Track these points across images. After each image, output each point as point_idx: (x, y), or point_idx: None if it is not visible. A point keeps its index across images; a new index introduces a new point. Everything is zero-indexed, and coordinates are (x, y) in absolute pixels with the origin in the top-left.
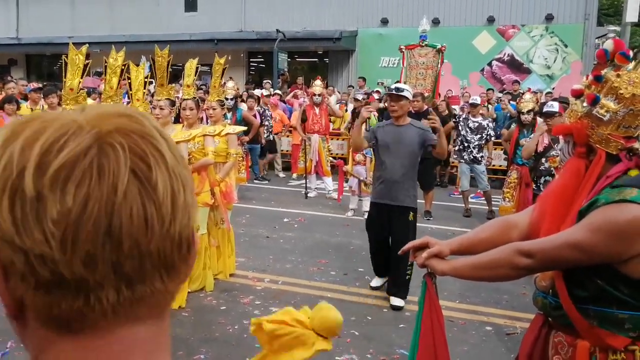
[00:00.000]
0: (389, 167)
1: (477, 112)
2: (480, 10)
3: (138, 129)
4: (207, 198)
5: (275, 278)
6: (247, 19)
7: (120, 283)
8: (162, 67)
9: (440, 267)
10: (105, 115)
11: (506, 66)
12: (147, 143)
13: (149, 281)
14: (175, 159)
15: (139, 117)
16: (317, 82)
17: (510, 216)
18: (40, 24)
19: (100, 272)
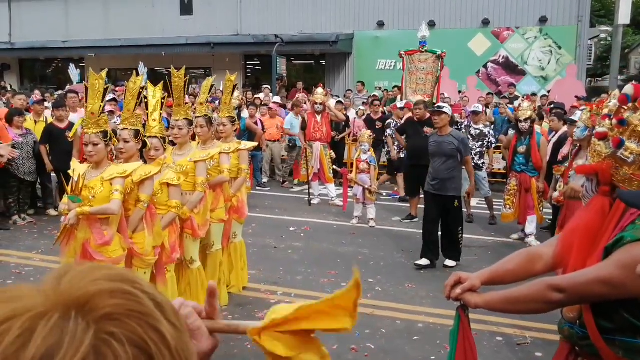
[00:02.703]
0: (436, 168)
1: (479, 119)
2: (475, 13)
3: (133, 308)
4: (222, 214)
5: (288, 291)
6: (244, 22)
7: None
8: (179, 87)
9: (474, 301)
10: (95, 294)
11: (501, 68)
12: (144, 326)
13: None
14: (176, 330)
15: (132, 290)
16: (319, 91)
17: (535, 248)
18: (34, 29)
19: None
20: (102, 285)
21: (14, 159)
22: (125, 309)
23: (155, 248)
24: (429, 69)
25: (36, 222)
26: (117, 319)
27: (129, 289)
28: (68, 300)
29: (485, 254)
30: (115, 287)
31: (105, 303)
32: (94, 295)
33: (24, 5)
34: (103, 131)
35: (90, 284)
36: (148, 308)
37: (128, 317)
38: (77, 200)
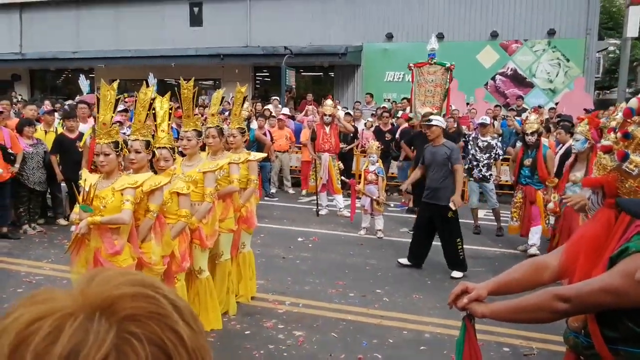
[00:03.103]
0: (430, 178)
1: (487, 131)
2: (484, 25)
3: (153, 310)
4: (231, 224)
5: (296, 301)
6: (253, 34)
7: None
8: (188, 99)
9: (480, 310)
10: (118, 297)
11: (509, 80)
12: (163, 327)
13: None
14: (193, 331)
15: (153, 294)
16: (328, 102)
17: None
18: (44, 39)
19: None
20: (124, 289)
21: (24, 169)
22: (145, 311)
23: (164, 257)
24: (438, 81)
25: (46, 232)
26: (138, 320)
27: (149, 292)
28: (93, 303)
29: (492, 265)
30: (137, 291)
31: (127, 305)
32: (117, 298)
33: (35, 16)
34: (114, 141)
35: (114, 288)
36: (167, 310)
37: (148, 319)
38: (88, 209)
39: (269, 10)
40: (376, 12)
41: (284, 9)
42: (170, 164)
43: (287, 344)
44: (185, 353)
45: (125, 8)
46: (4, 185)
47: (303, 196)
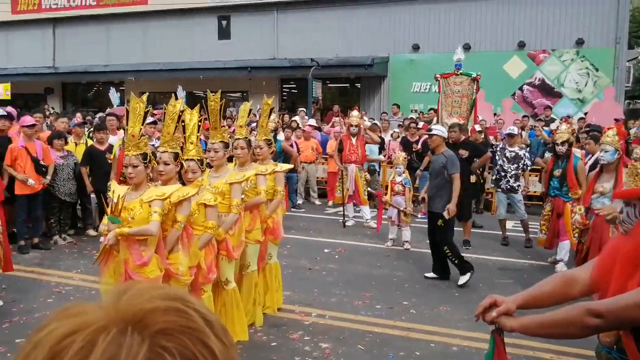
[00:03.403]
0: (429, 185)
1: (515, 142)
2: (511, 36)
3: (185, 324)
4: (258, 235)
5: (322, 312)
6: (280, 46)
7: None
8: (215, 111)
9: (510, 324)
10: (150, 312)
11: (537, 90)
12: (195, 341)
13: None
14: (224, 345)
15: (184, 308)
16: (355, 113)
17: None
18: (76, 53)
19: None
20: (156, 303)
21: (55, 180)
22: (177, 325)
23: (191, 268)
24: (465, 91)
25: (76, 242)
26: (170, 334)
27: (181, 307)
28: (125, 317)
29: (521, 277)
30: (169, 305)
31: (159, 319)
32: (149, 312)
33: (67, 31)
34: (143, 153)
35: (146, 302)
36: (198, 324)
37: (180, 333)
38: (116, 221)
39: (295, 22)
40: (402, 23)
41: (311, 21)
42: (198, 175)
43: (313, 356)
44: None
45: (154, 22)
46: (36, 196)
47: (329, 207)
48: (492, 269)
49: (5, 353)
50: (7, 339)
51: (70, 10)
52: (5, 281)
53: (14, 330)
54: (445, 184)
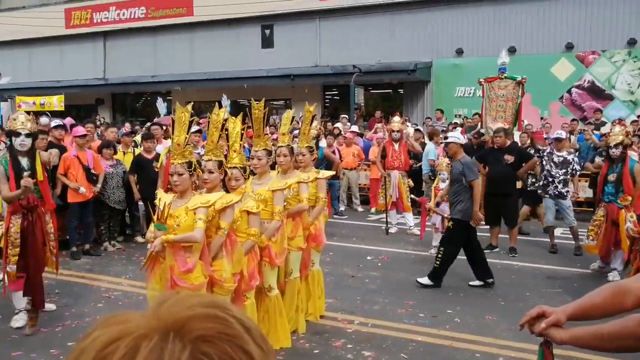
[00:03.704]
0: (450, 191)
1: (563, 146)
2: (558, 37)
3: (224, 331)
4: (300, 242)
5: (365, 320)
6: (322, 53)
7: None
8: (258, 119)
9: (560, 336)
10: (190, 319)
11: (586, 93)
12: (234, 348)
13: None
14: (263, 352)
15: (224, 315)
16: (396, 119)
17: (624, 281)
18: (125, 65)
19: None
20: (197, 311)
21: (105, 188)
22: (217, 332)
23: (234, 275)
24: (509, 95)
25: (125, 249)
26: (210, 340)
27: (220, 314)
28: (167, 324)
29: (571, 286)
30: (209, 312)
31: (199, 326)
32: (189, 319)
33: (117, 43)
34: (188, 162)
35: (187, 310)
36: (238, 331)
37: (220, 339)
38: (162, 228)
39: (338, 29)
40: (445, 27)
41: (353, 28)
42: (242, 183)
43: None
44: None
45: (199, 33)
46: (87, 204)
47: (372, 214)
48: (540, 278)
49: (58, 356)
50: (60, 342)
51: (120, 24)
52: (58, 286)
53: (67, 333)
54: (463, 190)
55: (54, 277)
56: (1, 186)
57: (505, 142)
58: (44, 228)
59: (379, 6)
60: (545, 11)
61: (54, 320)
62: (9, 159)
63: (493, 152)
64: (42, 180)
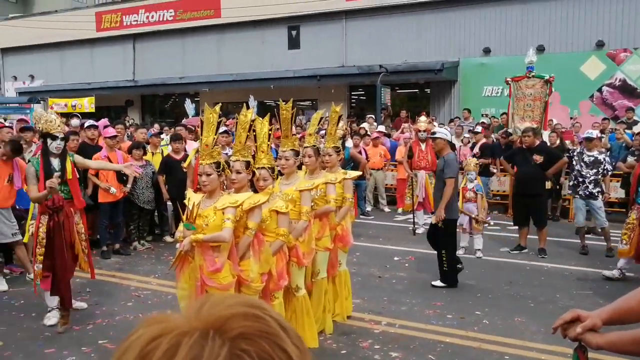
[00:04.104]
0: (435, 188)
1: (593, 146)
2: (588, 35)
3: (263, 330)
4: (327, 243)
5: (392, 321)
6: (349, 54)
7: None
8: (286, 119)
9: (596, 341)
10: (231, 317)
11: (618, 92)
12: (273, 346)
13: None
14: (300, 351)
15: (262, 315)
16: (422, 118)
17: None
18: (154, 67)
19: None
20: (236, 310)
21: (134, 189)
22: (256, 330)
23: (262, 275)
24: (537, 94)
25: (154, 248)
26: (249, 338)
27: (259, 313)
28: (207, 322)
29: (602, 288)
30: (248, 311)
31: (238, 325)
32: (229, 318)
33: (146, 46)
34: (216, 162)
35: (226, 309)
36: (276, 330)
37: (258, 337)
38: (191, 227)
39: (364, 29)
40: (472, 26)
41: (379, 28)
42: (270, 183)
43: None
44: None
45: (227, 34)
46: (117, 204)
47: (399, 214)
48: (570, 279)
49: (90, 354)
50: (91, 340)
51: (149, 26)
52: (90, 284)
53: (98, 331)
54: (443, 187)
55: (85, 276)
56: (31, 187)
57: (534, 142)
58: (73, 228)
59: (406, 6)
60: (575, 8)
61: (86, 318)
62: (40, 160)
63: (522, 152)
64: (71, 178)
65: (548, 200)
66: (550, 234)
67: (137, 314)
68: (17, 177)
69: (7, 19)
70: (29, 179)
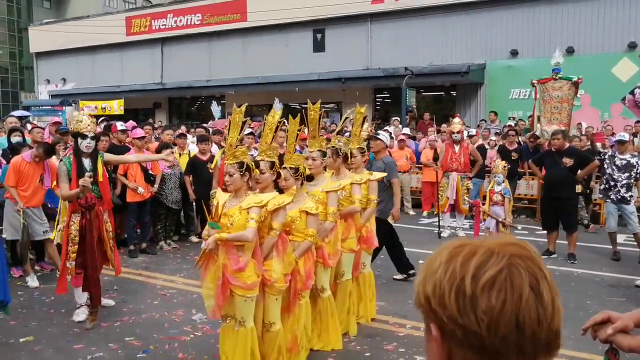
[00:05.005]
0: None
1: (626, 149)
2: (619, 36)
3: (527, 255)
4: (353, 244)
5: (417, 324)
6: (374, 56)
7: (520, 356)
8: (314, 120)
9: (627, 343)
10: (505, 244)
11: None
12: (534, 265)
13: (534, 359)
14: (549, 275)
15: (526, 245)
16: (456, 120)
17: None
18: (182, 70)
19: (509, 348)
20: (511, 241)
21: (163, 189)
22: (524, 254)
23: (285, 275)
24: (564, 96)
25: (179, 248)
26: (521, 258)
27: (525, 246)
28: (490, 247)
29: (635, 295)
30: (517, 242)
31: (513, 250)
32: (505, 245)
33: (173, 49)
34: (240, 162)
35: (500, 240)
36: (537, 258)
37: (527, 259)
38: (216, 226)
39: (389, 32)
40: (499, 28)
41: (405, 30)
42: (291, 183)
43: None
44: (547, 285)
45: (253, 37)
46: (145, 204)
47: (424, 217)
48: (602, 286)
49: (117, 350)
50: (118, 336)
51: (177, 30)
52: (117, 282)
53: (124, 328)
54: (382, 189)
55: (113, 274)
56: (62, 185)
57: (564, 145)
58: (102, 226)
59: (431, 8)
60: (606, 9)
61: (113, 316)
62: (72, 160)
63: (551, 155)
64: (102, 181)
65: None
66: (581, 239)
67: (163, 312)
68: (47, 177)
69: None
70: (61, 177)
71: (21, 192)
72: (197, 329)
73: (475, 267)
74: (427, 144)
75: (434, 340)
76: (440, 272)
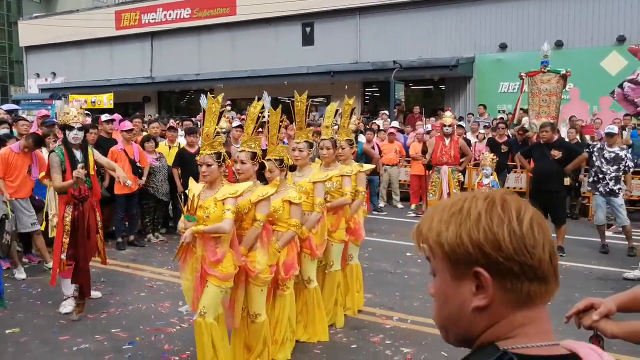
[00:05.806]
0: None
1: (614, 141)
2: (608, 30)
3: (516, 201)
4: (342, 235)
5: (404, 317)
6: (363, 50)
7: (554, 280)
8: (301, 112)
9: (611, 329)
10: (506, 193)
11: None
12: (522, 205)
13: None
14: None
15: (518, 198)
16: (448, 113)
17: None
18: (171, 64)
19: (550, 273)
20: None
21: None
22: (515, 200)
23: (271, 266)
24: (553, 89)
25: (167, 241)
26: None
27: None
28: (492, 197)
29: (624, 288)
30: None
31: (505, 197)
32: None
33: (163, 43)
34: (216, 152)
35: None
36: (522, 202)
37: (515, 201)
38: (192, 219)
39: (378, 26)
40: (488, 21)
41: (393, 24)
42: (276, 175)
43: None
44: None
45: (241, 31)
46: (133, 196)
47: (412, 210)
48: (590, 278)
49: (103, 342)
50: (104, 328)
51: (166, 24)
52: (104, 274)
53: (111, 320)
54: None
55: (100, 266)
56: (54, 175)
57: (552, 137)
58: (94, 218)
59: (419, 1)
60: (595, 2)
61: (100, 307)
62: (64, 151)
63: (539, 147)
64: (92, 173)
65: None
66: (569, 232)
67: (150, 304)
68: (35, 168)
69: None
70: (54, 167)
71: (9, 183)
72: (184, 320)
73: (516, 212)
74: (415, 138)
75: (484, 282)
76: (485, 220)
